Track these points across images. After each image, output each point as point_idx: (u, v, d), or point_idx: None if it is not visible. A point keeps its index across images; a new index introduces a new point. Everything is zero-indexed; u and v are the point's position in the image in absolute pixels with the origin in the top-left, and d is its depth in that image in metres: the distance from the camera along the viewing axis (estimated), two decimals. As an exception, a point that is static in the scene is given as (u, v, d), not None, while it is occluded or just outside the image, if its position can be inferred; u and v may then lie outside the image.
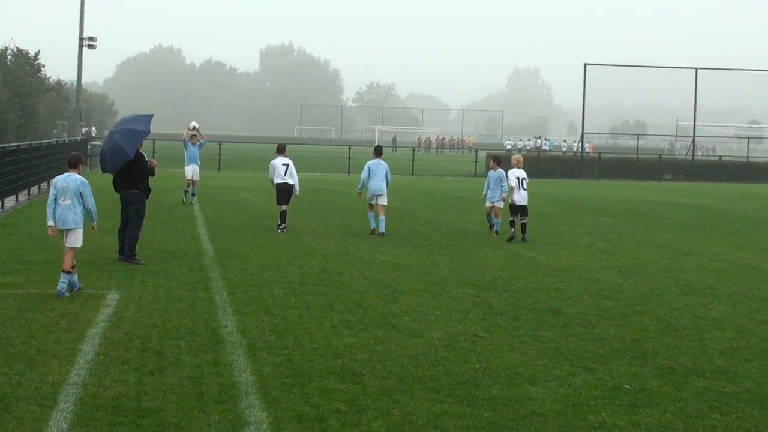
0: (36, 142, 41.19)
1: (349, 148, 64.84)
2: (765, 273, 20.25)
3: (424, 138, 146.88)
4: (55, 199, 15.51)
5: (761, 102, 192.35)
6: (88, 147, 58.33)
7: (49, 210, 15.55)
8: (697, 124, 76.89)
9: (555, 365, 11.61)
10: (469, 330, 13.50)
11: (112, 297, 15.09)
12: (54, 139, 55.92)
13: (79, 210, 15.54)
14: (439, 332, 13.27)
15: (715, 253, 23.38)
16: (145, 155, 19.35)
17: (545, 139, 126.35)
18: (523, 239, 24.26)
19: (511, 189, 24.79)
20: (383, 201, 25.36)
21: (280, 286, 16.59)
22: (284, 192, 25.67)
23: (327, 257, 20.44)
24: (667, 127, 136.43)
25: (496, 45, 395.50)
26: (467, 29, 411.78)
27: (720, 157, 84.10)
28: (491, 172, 26.12)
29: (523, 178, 24.86)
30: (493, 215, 25.83)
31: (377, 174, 25.64)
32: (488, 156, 26.38)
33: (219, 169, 57.16)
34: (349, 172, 59.59)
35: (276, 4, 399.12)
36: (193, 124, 34.24)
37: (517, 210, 24.60)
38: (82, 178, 15.72)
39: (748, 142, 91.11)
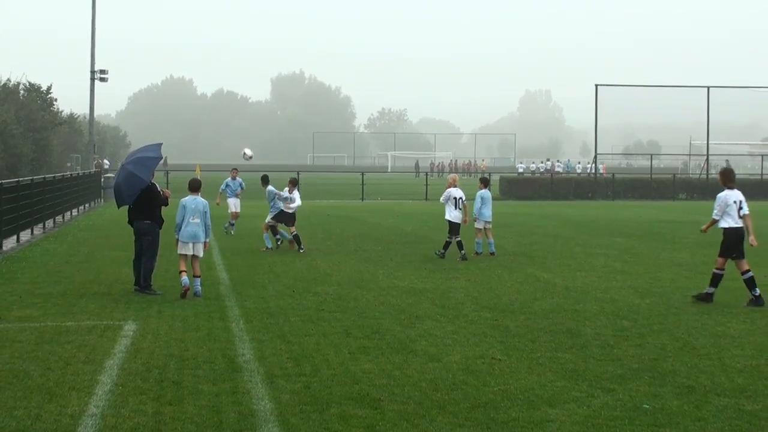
0: (50, 175, 41.31)
1: (362, 175, 64.97)
2: (782, 290, 20.13)
3: (437, 162, 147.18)
4: (183, 218, 18.50)
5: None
6: (102, 179, 58.58)
7: (177, 228, 18.58)
8: (710, 142, 76.75)
9: (574, 386, 11.56)
10: (486, 353, 13.46)
11: (129, 328, 15.09)
12: (68, 173, 56.11)
13: (203, 226, 18.55)
14: (456, 356, 13.24)
15: (731, 272, 23.23)
16: (158, 185, 19.39)
17: (557, 161, 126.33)
18: (464, 258, 25.04)
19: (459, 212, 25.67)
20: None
21: (296, 313, 16.58)
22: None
23: (342, 284, 20.44)
24: (681, 146, 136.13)
25: (506, 68, 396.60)
26: (478, 53, 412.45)
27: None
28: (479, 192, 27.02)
29: (459, 198, 25.64)
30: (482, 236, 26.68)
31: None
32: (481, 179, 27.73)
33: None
34: (362, 199, 59.74)
35: (286, 34, 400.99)
36: (248, 152, 33.75)
37: (456, 228, 25.56)
38: (205, 200, 18.74)
39: (762, 160, 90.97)
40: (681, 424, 10.02)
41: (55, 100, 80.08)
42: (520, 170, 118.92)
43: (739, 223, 18.44)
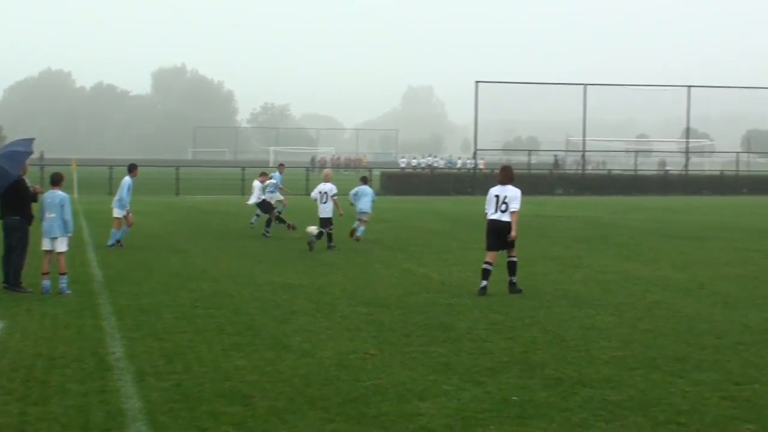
0: None
1: (243, 170, 64.60)
2: (650, 283, 20.66)
3: (318, 158, 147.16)
4: (42, 213, 18.43)
5: (648, 116, 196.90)
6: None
7: (42, 224, 18.52)
8: (586, 138, 78.17)
9: (445, 380, 11.67)
10: (360, 348, 13.51)
11: (-3, 326, 14.78)
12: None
13: (60, 221, 18.33)
14: (329, 351, 13.26)
15: (603, 265, 23.77)
16: (28, 181, 19.03)
17: (432, 156, 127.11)
18: (329, 247, 26.76)
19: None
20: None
21: (170, 310, 16.42)
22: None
23: (218, 280, 20.30)
24: (558, 142, 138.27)
25: (389, 63, 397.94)
26: (360, 48, 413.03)
27: (609, 170, 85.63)
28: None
29: (325, 192, 27.48)
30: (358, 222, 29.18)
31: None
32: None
33: (109, 192, 56.41)
34: (242, 194, 59.35)
35: (167, 26, 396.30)
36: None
37: (323, 222, 27.25)
38: (64, 194, 18.56)
39: (636, 156, 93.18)
40: (547, 415, 10.19)
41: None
42: (402, 165, 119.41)
43: (496, 217, 19.01)
